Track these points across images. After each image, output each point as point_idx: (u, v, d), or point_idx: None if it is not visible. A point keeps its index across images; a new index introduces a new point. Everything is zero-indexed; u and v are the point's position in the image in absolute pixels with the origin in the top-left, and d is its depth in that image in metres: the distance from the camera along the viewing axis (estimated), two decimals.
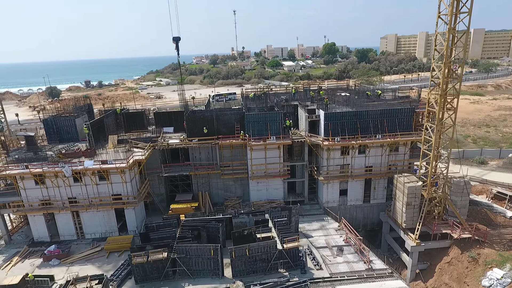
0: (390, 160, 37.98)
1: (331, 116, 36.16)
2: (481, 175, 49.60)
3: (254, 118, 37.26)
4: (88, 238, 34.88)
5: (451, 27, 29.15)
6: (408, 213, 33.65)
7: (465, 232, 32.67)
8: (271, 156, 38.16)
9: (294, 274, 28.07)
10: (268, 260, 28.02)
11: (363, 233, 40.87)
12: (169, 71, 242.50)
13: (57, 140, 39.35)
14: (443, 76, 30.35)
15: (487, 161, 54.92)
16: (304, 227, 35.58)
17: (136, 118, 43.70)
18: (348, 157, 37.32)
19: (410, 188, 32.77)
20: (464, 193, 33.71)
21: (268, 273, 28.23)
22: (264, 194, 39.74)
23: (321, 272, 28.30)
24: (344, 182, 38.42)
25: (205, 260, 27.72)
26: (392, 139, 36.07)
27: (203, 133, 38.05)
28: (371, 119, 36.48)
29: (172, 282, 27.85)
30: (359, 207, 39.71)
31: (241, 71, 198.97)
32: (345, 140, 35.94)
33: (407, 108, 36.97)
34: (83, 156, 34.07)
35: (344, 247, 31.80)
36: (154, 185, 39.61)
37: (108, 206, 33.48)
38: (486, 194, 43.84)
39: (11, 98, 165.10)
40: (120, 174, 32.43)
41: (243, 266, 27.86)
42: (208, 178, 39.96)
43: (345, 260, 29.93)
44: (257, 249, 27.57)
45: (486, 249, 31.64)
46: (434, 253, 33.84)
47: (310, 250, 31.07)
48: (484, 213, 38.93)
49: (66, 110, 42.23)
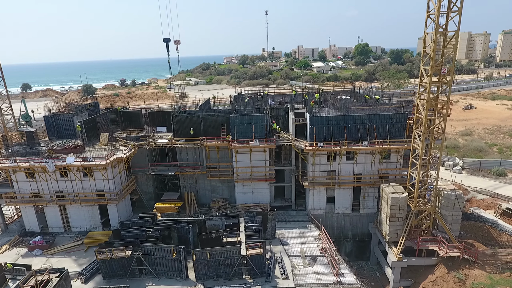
0: (381, 168, 35.92)
1: (316, 120, 34.86)
2: (494, 188, 45.64)
3: (239, 120, 36.84)
4: (74, 231, 36.33)
5: (437, 27, 26.95)
6: (392, 225, 31.64)
7: (454, 250, 30.11)
8: (256, 159, 37.53)
9: (258, 282, 27.36)
10: (232, 266, 27.54)
11: (352, 243, 39.23)
12: (199, 71, 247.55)
13: (56, 136, 41.35)
14: (430, 80, 28.11)
15: (506, 173, 50.41)
16: (283, 233, 34.62)
17: (132, 117, 44.88)
18: (335, 163, 35.80)
19: (393, 199, 30.78)
20: (455, 207, 31.05)
21: (232, 279, 27.75)
22: (250, 197, 39.17)
23: (286, 282, 27.33)
24: (331, 189, 36.91)
25: (169, 261, 27.75)
26: (381, 146, 34.06)
27: (190, 133, 38.23)
28: (359, 124, 34.69)
29: (138, 280, 28.19)
30: (347, 216, 37.96)
31: (268, 71, 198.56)
32: (330, 146, 34.47)
33: (399, 113, 34.73)
34: (72, 152, 35.48)
35: (318, 257, 30.51)
36: (143, 183, 40.45)
37: (90, 202, 34.64)
38: (494, 209, 40.22)
39: (51, 95, 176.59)
40: (101, 172, 33.41)
41: (206, 270, 27.58)
42: (195, 179, 40.12)
43: (315, 271, 28.70)
44: (220, 253, 27.17)
45: (476, 270, 28.98)
46: (420, 270, 31.52)
47: (281, 258, 30.15)
48: (486, 230, 35.75)
49: (66, 108, 44.20)
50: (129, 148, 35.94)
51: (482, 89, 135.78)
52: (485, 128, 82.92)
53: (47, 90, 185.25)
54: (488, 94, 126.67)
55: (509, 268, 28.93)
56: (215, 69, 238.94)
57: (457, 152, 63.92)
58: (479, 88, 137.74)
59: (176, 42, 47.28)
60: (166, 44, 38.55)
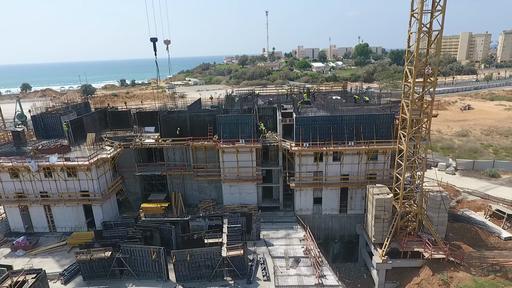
0: (368, 169, 35.55)
1: (302, 120, 34.55)
2: (486, 190, 45.16)
3: (226, 120, 36.57)
4: (59, 231, 36.11)
5: (421, 26, 26.60)
6: (377, 227, 31.28)
7: (439, 252, 29.72)
8: (243, 160, 37.24)
9: (239, 284, 27.06)
10: (212, 267, 27.25)
11: (340, 245, 38.87)
12: (198, 71, 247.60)
13: (44, 136, 41.19)
14: (413, 80, 27.75)
15: (499, 174, 49.91)
16: (269, 234, 34.30)
17: (121, 117, 44.69)
18: (322, 164, 35.46)
19: (378, 200, 30.43)
20: (441, 208, 30.67)
21: (213, 280, 27.46)
22: (237, 198, 38.87)
23: (267, 284, 27.02)
24: (318, 190, 36.57)
25: (149, 262, 27.49)
26: (367, 147, 33.70)
27: (176, 134, 37.98)
28: (345, 124, 34.36)
29: (118, 281, 27.92)
30: (335, 217, 37.60)
31: (267, 72, 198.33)
32: (316, 146, 34.15)
33: (386, 114, 34.37)
34: (57, 152, 35.31)
35: (301, 258, 30.16)
36: (130, 184, 40.23)
37: (74, 202, 34.44)
38: (484, 211, 39.78)
39: (50, 95, 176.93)
40: (84, 172, 33.21)
41: (187, 271, 27.29)
42: (182, 179, 39.86)
43: (297, 273, 28.37)
44: (200, 254, 26.89)
45: (461, 273, 28.58)
46: (405, 272, 31.15)
47: (264, 259, 29.84)
48: (474, 232, 35.36)
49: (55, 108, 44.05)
50: (113, 148, 35.69)
51: (481, 90, 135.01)
52: (481, 129, 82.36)
53: (47, 90, 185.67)
54: (487, 95, 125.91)
55: (495, 270, 28.51)
56: (215, 69, 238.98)
57: (451, 153, 63.44)
58: (478, 88, 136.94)
59: (166, 42, 47.09)
60: (153, 44, 38.34)
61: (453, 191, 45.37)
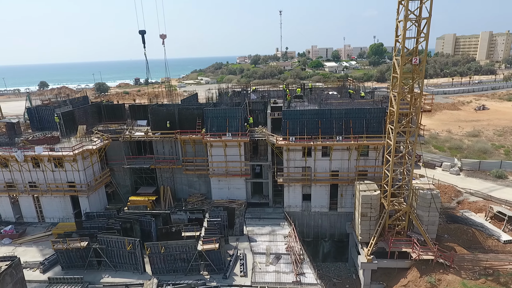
0: (358, 165, 34.26)
1: (289, 113, 33.61)
2: (490, 191, 42.96)
3: (213, 114, 36.01)
4: (48, 222, 36.40)
5: (407, 13, 25.28)
6: (364, 225, 30.03)
7: (428, 253, 28.21)
8: (231, 154, 36.60)
9: (215, 278, 26.42)
10: (188, 261, 26.70)
11: (330, 243, 37.68)
12: (211, 70, 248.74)
13: (39, 128, 41.72)
14: (401, 70, 26.43)
15: (506, 175, 47.44)
16: (254, 230, 33.49)
17: (115, 110, 44.90)
18: (310, 160, 34.40)
19: (364, 197, 29.19)
20: (431, 207, 29.13)
21: (188, 274, 26.92)
22: (226, 193, 38.25)
23: (243, 280, 26.26)
24: (307, 186, 35.51)
25: (126, 254, 27.20)
26: (356, 142, 32.44)
27: (166, 127, 37.70)
28: (334, 118, 33.19)
29: (95, 272, 27.76)
30: (325, 214, 36.44)
31: (279, 71, 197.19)
32: (303, 141, 33.13)
33: (377, 108, 32.99)
34: (46, 143, 35.58)
35: (282, 255, 29.24)
36: (120, 176, 40.25)
37: (61, 193, 34.61)
38: (485, 212, 37.75)
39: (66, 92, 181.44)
40: (70, 163, 33.31)
41: (162, 264, 26.84)
42: (172, 173, 39.57)
43: (276, 270, 27.49)
44: (175, 247, 26.39)
45: (450, 275, 27.01)
46: (393, 273, 29.75)
47: (245, 255, 29.08)
48: (471, 233, 33.57)
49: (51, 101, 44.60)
50: (100, 140, 35.69)
51: (499, 90, 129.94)
52: (495, 129, 78.97)
53: (62, 88, 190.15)
54: (504, 95, 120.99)
55: (487, 274, 26.82)
56: (227, 69, 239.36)
57: (459, 153, 60.98)
58: (496, 89, 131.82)
59: (162, 36, 46.90)
60: (142, 36, 38.14)
61: (454, 192, 43.42)
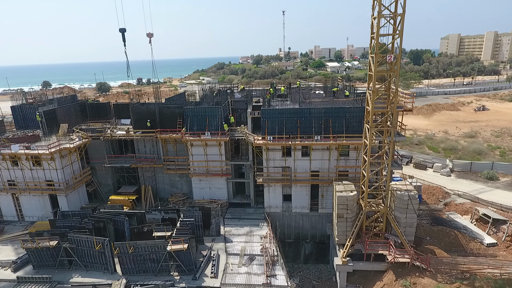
0: (339, 165, 33.64)
1: (268, 112, 33.10)
2: (479, 192, 42.00)
3: (193, 112, 35.64)
4: (27, 220, 36.31)
5: (380, 10, 24.62)
6: (340, 226, 29.40)
7: (405, 255, 27.50)
8: (211, 153, 36.21)
9: (185, 279, 26.03)
10: (158, 261, 26.34)
11: (312, 245, 37.07)
12: (213, 70, 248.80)
13: (23, 127, 41.71)
14: (375, 68, 25.79)
15: (497, 177, 46.38)
16: (231, 230, 33.04)
17: (100, 109, 44.77)
18: (290, 159, 33.85)
19: (340, 198, 28.56)
20: (409, 209, 28.40)
21: (158, 275, 26.57)
22: (207, 193, 37.87)
23: (213, 281, 25.82)
24: (287, 187, 34.97)
25: (96, 253, 26.90)
26: (335, 142, 31.83)
27: (147, 125, 37.41)
28: (313, 117, 32.61)
29: (66, 271, 27.52)
30: (306, 215, 35.87)
31: (280, 71, 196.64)
32: (282, 140, 32.59)
33: (357, 107, 32.32)
34: (26, 141, 35.49)
35: (256, 256, 28.76)
36: (102, 176, 40.04)
37: (38, 191, 34.47)
38: (471, 214, 36.86)
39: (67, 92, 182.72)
40: (47, 161, 33.14)
41: (132, 264, 26.51)
42: (154, 172, 39.28)
43: (248, 271, 27.01)
44: (144, 247, 26.05)
45: (426, 279, 26.27)
46: (370, 276, 29.08)
47: (218, 256, 28.64)
48: (453, 236, 32.76)
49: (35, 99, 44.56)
50: (78, 138, 35.51)
51: (501, 91, 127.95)
52: (493, 130, 77.59)
53: (64, 87, 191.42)
54: (506, 96, 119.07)
55: (463, 278, 26.04)
56: (229, 69, 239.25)
57: (453, 154, 59.92)
58: (498, 89, 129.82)
59: (148, 35, 46.68)
60: (122, 35, 37.88)
61: (442, 193, 42.55)
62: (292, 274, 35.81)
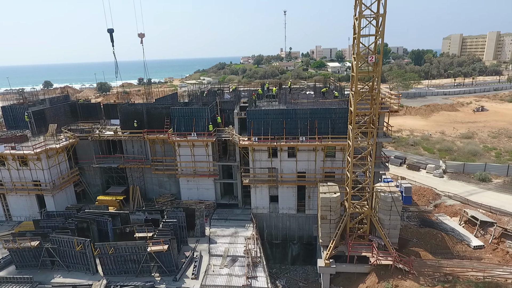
0: (325, 166, 33.45)
1: (253, 113, 32.98)
2: (470, 194, 41.64)
3: (180, 113, 35.60)
4: (15, 220, 36.43)
5: (361, 10, 24.42)
6: (324, 228, 29.24)
7: (388, 258, 27.29)
8: (198, 154, 36.15)
9: (164, 280, 25.97)
10: (138, 262, 26.30)
11: (299, 246, 36.90)
12: (214, 70, 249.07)
13: (14, 127, 41.87)
14: (356, 69, 25.61)
15: (490, 178, 45.94)
16: (216, 231, 32.95)
17: (91, 109, 44.86)
18: (276, 160, 33.72)
19: (323, 199, 28.41)
20: (393, 211, 28.17)
21: (140, 276, 26.52)
22: (195, 194, 37.82)
23: (193, 282, 25.74)
24: (274, 188, 34.83)
25: (77, 254, 26.90)
26: (320, 143, 31.66)
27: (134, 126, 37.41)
28: (299, 118, 32.47)
29: (48, 272, 27.54)
30: (293, 216, 35.70)
31: (280, 71, 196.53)
32: (267, 141, 32.46)
33: (343, 108, 32.13)
34: (14, 141, 35.59)
35: (239, 257, 28.65)
36: (90, 176, 40.11)
37: (25, 191, 34.56)
38: (460, 216, 36.54)
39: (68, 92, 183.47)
40: (33, 161, 33.22)
41: (113, 265, 26.47)
42: (142, 173, 39.27)
43: (229, 272, 26.91)
44: (125, 248, 26.01)
45: (408, 281, 26.05)
46: (354, 278, 28.89)
47: (201, 257, 28.57)
48: (440, 238, 32.50)
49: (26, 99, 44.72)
50: (65, 138, 35.57)
51: (502, 91, 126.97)
52: (490, 131, 76.95)
53: (65, 87, 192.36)
54: (506, 96, 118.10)
55: (445, 281, 25.80)
56: (230, 69, 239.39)
57: (449, 155, 59.47)
58: (498, 90, 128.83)
59: (140, 35, 46.74)
60: (110, 35, 37.93)
61: (432, 195, 42.23)
62: (278, 275, 35.75)
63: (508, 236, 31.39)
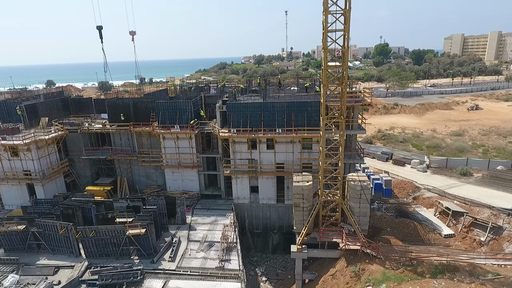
0: (302, 158, 34.73)
1: (233, 106, 34.35)
2: (450, 187, 42.67)
3: (164, 107, 37.04)
4: (7, 209, 38.07)
5: (327, 7, 25.69)
6: (297, 215, 30.53)
7: (356, 243, 28.51)
8: (183, 146, 37.58)
9: (142, 262, 27.36)
10: (118, 245, 27.76)
11: (279, 236, 38.17)
12: (215, 70, 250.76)
13: (8, 121, 43.53)
14: (325, 63, 26.88)
15: (471, 173, 46.90)
16: (197, 219, 34.35)
17: (82, 104, 46.49)
18: (256, 152, 35.05)
19: (296, 187, 29.71)
20: (362, 199, 29.38)
21: (120, 258, 27.97)
22: (180, 185, 39.24)
23: (169, 264, 27.14)
24: (254, 178, 36.16)
25: (61, 238, 28.42)
26: (296, 135, 32.95)
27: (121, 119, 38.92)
28: (277, 111, 33.78)
29: (35, 254, 29.07)
30: (272, 206, 37.01)
31: (280, 71, 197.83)
32: (246, 133, 33.81)
33: (318, 101, 33.28)
34: (6, 133, 37.24)
35: (216, 243, 30.01)
36: (80, 167, 41.66)
37: (16, 181, 36.20)
38: (435, 207, 37.64)
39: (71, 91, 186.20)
40: (23, 152, 34.84)
41: (95, 248, 27.97)
42: (129, 164, 40.77)
43: (205, 256, 28.30)
44: (105, 232, 27.49)
45: (374, 265, 27.27)
46: (326, 263, 30.16)
47: (179, 242, 29.97)
48: (412, 227, 33.68)
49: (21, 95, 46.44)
50: (54, 130, 37.17)
51: (498, 91, 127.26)
52: (481, 129, 77.71)
53: (67, 86, 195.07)
54: (503, 95, 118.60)
55: (411, 265, 26.97)
56: (231, 69, 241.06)
57: (436, 152, 60.44)
58: (495, 89, 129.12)
59: (131, 32, 48.41)
60: (99, 32, 39.50)
61: (412, 188, 43.32)
62: (259, 263, 37.08)
63: (477, 225, 32.48)
